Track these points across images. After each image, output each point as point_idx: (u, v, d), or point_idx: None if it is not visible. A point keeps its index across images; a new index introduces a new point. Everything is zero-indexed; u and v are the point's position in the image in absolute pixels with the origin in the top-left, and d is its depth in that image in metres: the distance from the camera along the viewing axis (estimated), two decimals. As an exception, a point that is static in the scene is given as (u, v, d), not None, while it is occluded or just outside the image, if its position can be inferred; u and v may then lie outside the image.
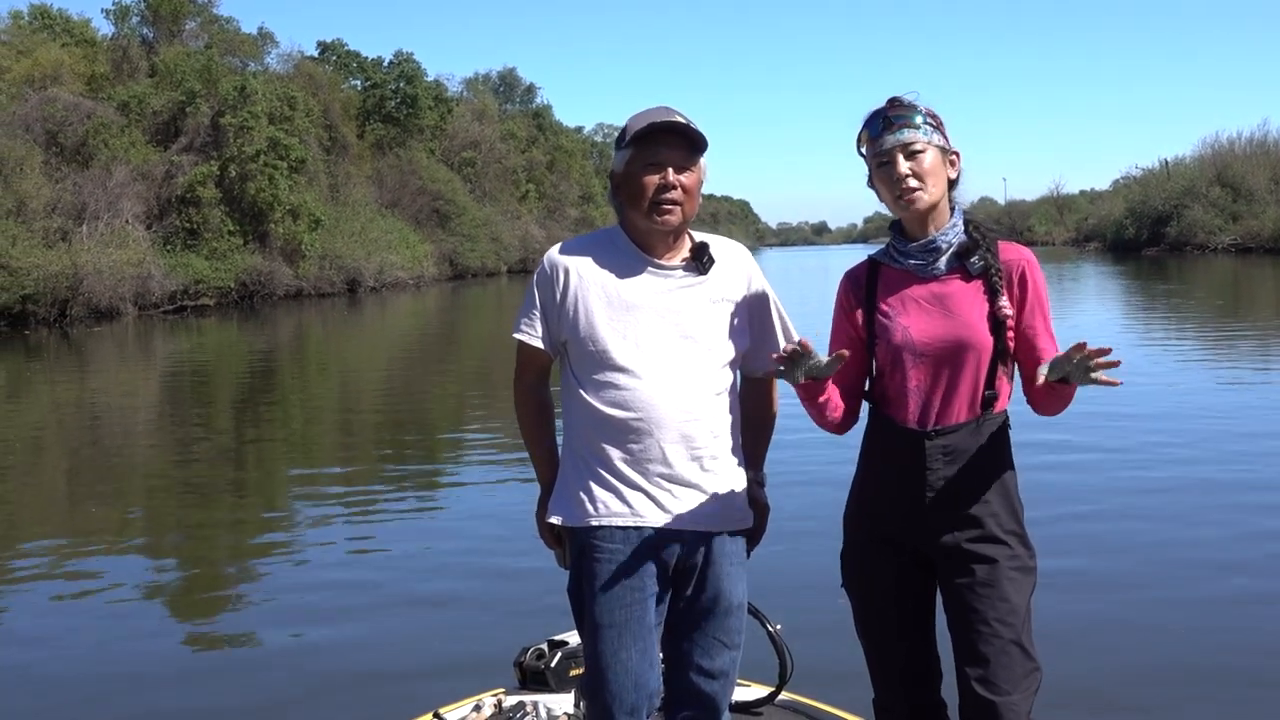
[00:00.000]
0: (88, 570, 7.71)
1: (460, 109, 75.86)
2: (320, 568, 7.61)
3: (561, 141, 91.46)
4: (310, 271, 47.74)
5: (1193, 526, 7.66)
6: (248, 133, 44.82)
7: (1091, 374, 2.69)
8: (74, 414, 16.38)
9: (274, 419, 15.36)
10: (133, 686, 5.57)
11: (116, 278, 36.41)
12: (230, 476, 11.32)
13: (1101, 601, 6.19)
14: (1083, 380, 2.72)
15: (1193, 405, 12.60)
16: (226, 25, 55.20)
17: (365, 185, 58.81)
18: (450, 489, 10.18)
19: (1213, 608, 6.09)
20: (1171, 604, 6.18)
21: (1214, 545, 7.19)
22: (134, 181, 41.37)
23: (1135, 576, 6.63)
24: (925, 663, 3.08)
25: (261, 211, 45.17)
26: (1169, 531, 7.55)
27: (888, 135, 2.94)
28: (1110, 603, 6.19)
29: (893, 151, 2.94)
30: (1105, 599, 6.23)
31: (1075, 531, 7.44)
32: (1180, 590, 6.40)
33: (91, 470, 11.88)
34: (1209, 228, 64.45)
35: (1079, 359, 2.68)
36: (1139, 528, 7.63)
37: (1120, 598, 6.26)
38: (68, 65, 44.50)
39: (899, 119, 2.95)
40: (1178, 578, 6.62)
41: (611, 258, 3.07)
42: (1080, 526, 7.61)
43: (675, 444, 2.99)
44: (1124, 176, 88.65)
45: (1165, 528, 7.64)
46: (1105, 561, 6.90)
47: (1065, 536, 7.21)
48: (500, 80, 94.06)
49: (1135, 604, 6.18)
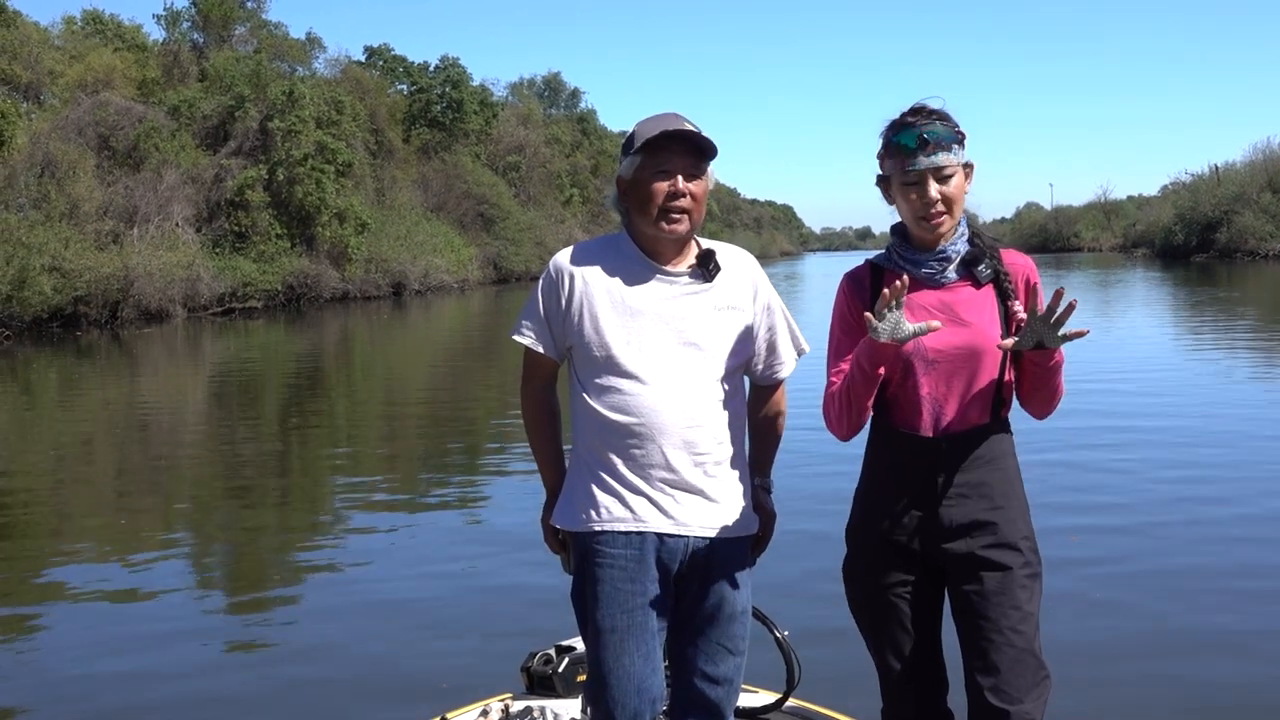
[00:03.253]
0: (132, 570, 7.80)
1: (505, 113, 76.03)
2: (342, 572, 7.65)
3: (606, 146, 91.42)
4: (356, 274, 48.05)
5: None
6: (295, 136, 45.17)
7: (1060, 330, 2.74)
8: (123, 415, 16.57)
9: (320, 424, 15.49)
10: (151, 683, 5.63)
11: (166, 280, 36.78)
12: (274, 481, 11.42)
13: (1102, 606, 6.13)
14: (1055, 341, 2.76)
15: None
16: (275, 30, 55.80)
17: (411, 189, 59.09)
18: (483, 494, 10.18)
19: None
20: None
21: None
22: (184, 185, 41.82)
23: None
24: (933, 671, 3.05)
25: (308, 215, 45.50)
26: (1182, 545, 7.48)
27: (922, 156, 2.89)
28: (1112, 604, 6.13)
29: (925, 174, 2.90)
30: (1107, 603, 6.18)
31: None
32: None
33: (139, 472, 12.03)
34: (1260, 234, 63.50)
35: (1047, 317, 2.73)
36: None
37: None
38: (119, 70, 45.07)
39: (934, 137, 2.89)
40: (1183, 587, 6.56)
41: (618, 264, 3.08)
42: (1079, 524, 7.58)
43: (678, 450, 2.98)
44: (1173, 182, 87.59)
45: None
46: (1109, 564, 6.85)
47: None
48: (545, 85, 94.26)
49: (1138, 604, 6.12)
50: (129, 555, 8.21)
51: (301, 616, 6.71)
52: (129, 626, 6.59)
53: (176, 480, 11.38)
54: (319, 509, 10.07)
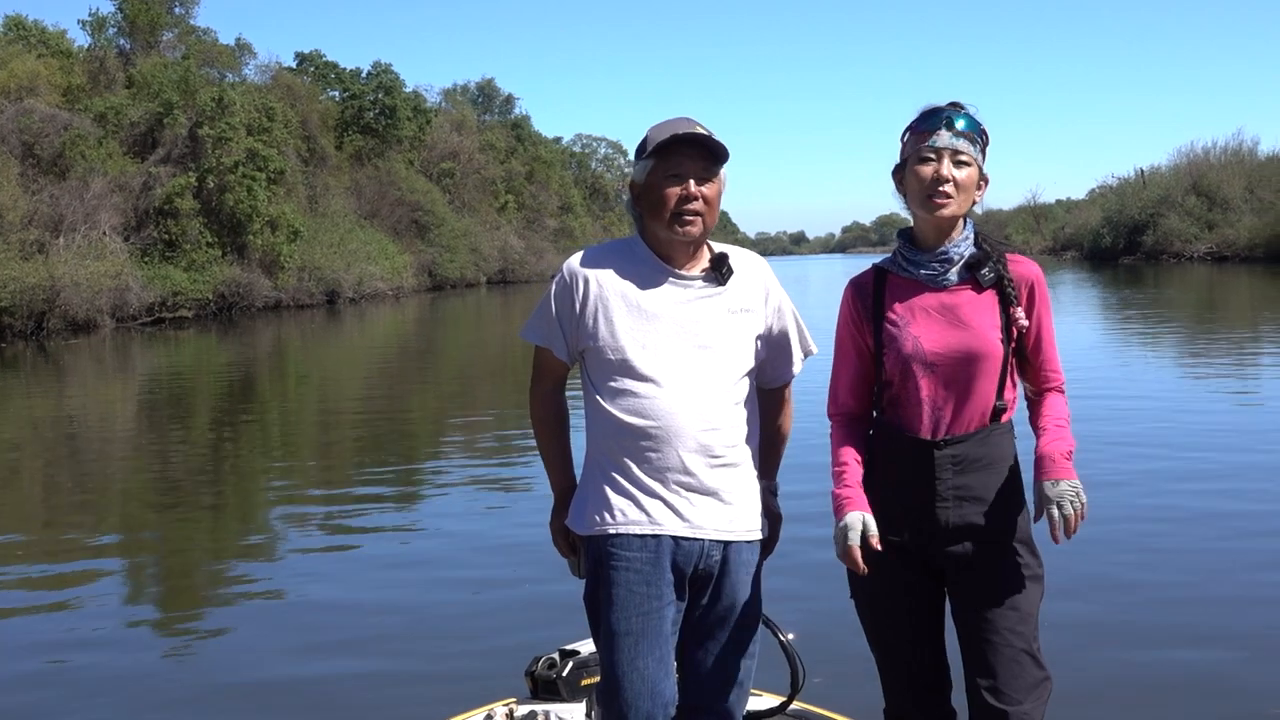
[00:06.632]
0: (62, 585, 7.62)
1: (439, 120, 75.81)
2: (328, 579, 7.56)
3: (540, 152, 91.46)
4: (289, 283, 47.56)
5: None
6: (226, 144, 44.62)
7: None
8: (50, 429, 16.22)
9: (254, 433, 15.27)
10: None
11: (94, 290, 36.11)
12: (211, 493, 11.22)
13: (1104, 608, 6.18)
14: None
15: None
16: (204, 36, 55.00)
17: (344, 196, 58.68)
18: (446, 501, 10.02)
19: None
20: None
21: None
22: (111, 193, 41.07)
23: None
24: (936, 672, 3.09)
25: (240, 223, 44.95)
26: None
27: (945, 133, 2.94)
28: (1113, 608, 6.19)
29: (942, 151, 2.94)
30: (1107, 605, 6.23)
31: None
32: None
33: (67, 486, 11.75)
34: (1185, 236, 64.86)
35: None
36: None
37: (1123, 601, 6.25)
38: (44, 76, 44.13)
39: (959, 121, 2.95)
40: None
41: (632, 267, 3.09)
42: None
43: (694, 453, 3.00)
44: (1100, 185, 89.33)
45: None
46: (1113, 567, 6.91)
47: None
48: (479, 91, 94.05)
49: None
50: (56, 572, 8.02)
51: (302, 626, 6.59)
52: (59, 648, 6.40)
53: (105, 496, 11.13)
54: (289, 520, 9.89)
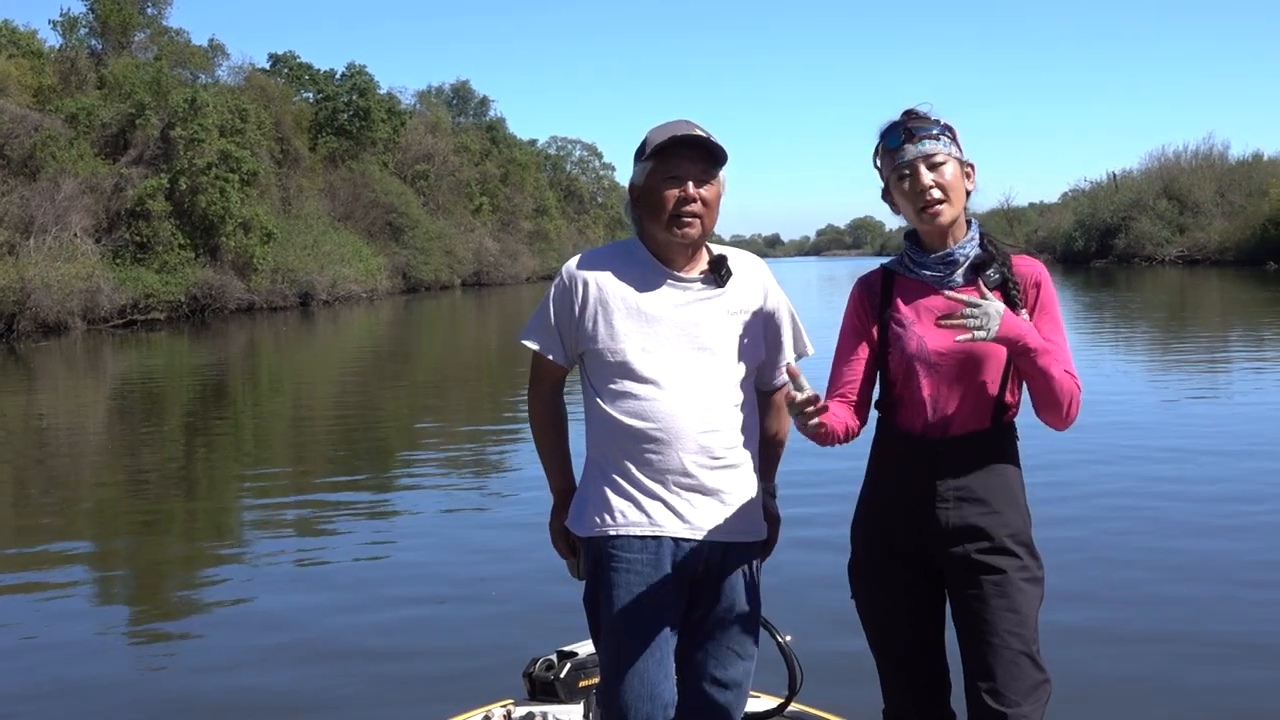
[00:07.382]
0: (30, 591, 7.54)
1: (413, 122, 75.66)
2: (318, 580, 7.54)
3: (515, 154, 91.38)
4: (262, 285, 47.33)
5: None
6: (198, 145, 44.39)
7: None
8: (20, 432, 16.05)
9: (227, 436, 15.14)
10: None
11: (65, 292, 35.84)
12: (182, 496, 11.14)
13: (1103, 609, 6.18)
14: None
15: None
16: (176, 37, 54.72)
17: (318, 198, 58.46)
18: (437, 502, 9.92)
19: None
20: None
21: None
22: (82, 194, 40.77)
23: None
24: (936, 674, 3.08)
25: (213, 224, 44.70)
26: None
27: (909, 146, 2.93)
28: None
29: (915, 163, 2.93)
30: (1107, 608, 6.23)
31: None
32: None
33: (36, 491, 11.62)
34: (1156, 239, 65.47)
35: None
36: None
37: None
38: (14, 77, 43.77)
39: (919, 130, 2.94)
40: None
41: (631, 270, 3.08)
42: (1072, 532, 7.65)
43: (694, 455, 2.99)
44: (1073, 189, 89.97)
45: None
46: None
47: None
48: (454, 93, 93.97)
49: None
50: (24, 581, 7.92)
51: (299, 625, 6.55)
52: (24, 654, 6.32)
53: (75, 501, 10.99)
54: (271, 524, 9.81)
